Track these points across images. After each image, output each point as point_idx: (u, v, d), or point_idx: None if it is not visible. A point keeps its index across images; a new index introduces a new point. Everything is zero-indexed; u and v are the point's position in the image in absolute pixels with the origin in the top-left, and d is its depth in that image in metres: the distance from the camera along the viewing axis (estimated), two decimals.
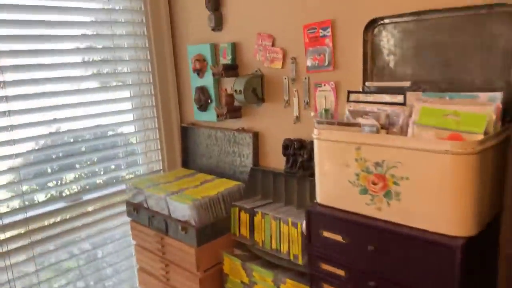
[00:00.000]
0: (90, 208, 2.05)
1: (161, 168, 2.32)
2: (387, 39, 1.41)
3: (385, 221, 1.12)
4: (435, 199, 1.02)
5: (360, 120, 1.31)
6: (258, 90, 1.86)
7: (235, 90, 1.83)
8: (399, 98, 1.26)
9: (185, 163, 2.38)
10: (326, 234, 1.24)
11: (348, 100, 1.39)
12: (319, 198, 1.29)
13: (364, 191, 1.15)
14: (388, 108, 1.28)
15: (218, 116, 1.99)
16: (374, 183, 1.13)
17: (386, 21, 1.40)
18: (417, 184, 1.04)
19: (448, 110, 1.07)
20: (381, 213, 1.13)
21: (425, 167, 1.02)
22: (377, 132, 1.21)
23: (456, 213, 1.00)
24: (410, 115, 1.22)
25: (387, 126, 1.26)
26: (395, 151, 1.07)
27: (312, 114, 1.29)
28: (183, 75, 2.29)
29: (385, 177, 1.10)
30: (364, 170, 1.14)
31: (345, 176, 1.19)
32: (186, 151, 2.37)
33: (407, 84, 1.35)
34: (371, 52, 1.46)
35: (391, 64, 1.42)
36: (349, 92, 1.39)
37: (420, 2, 1.32)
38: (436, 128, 1.07)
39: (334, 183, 1.23)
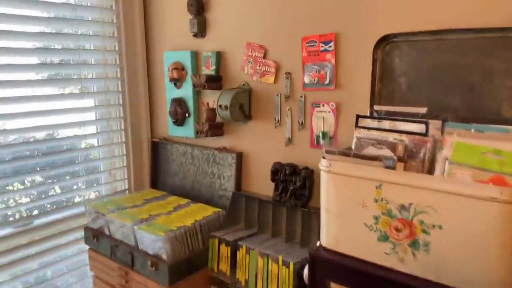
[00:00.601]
0: (43, 234, 1.74)
1: (127, 187, 2.05)
2: (400, 59, 1.25)
3: (409, 275, 0.94)
4: (474, 254, 0.85)
5: (371, 149, 1.14)
6: (246, 106, 1.66)
7: (220, 106, 1.61)
8: (419, 127, 1.10)
9: (155, 183, 2.11)
10: (334, 286, 1.04)
11: (356, 126, 1.21)
12: (324, 241, 1.09)
13: (384, 237, 0.97)
14: (406, 138, 1.11)
15: (197, 132, 1.76)
16: (398, 230, 0.95)
17: (400, 39, 1.24)
18: (452, 234, 0.87)
19: (487, 148, 0.91)
20: (404, 265, 0.95)
21: (464, 216, 0.85)
22: (394, 166, 1.04)
23: (501, 274, 0.83)
24: (433, 148, 1.06)
25: (405, 159, 1.09)
26: (426, 193, 0.90)
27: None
28: (157, 84, 2.04)
29: (412, 223, 0.92)
30: (386, 213, 0.96)
31: (361, 218, 1.00)
32: (157, 170, 2.11)
33: (423, 110, 1.19)
34: (380, 72, 1.29)
35: (403, 87, 1.26)
36: (358, 117, 1.21)
37: (440, 20, 1.18)
38: (474, 168, 0.90)
39: (346, 225, 1.04)
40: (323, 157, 1.08)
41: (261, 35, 1.59)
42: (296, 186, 1.51)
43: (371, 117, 1.20)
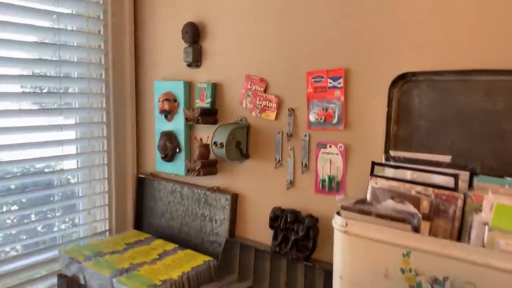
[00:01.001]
0: (8, 283, 1.52)
1: (108, 228, 1.85)
2: (420, 100, 1.13)
3: None
4: None
5: (390, 203, 0.99)
6: (243, 144, 1.50)
7: (215, 143, 1.46)
8: (446, 180, 0.95)
9: (139, 224, 1.92)
10: None
11: (372, 174, 1.06)
12: None
13: None
14: (431, 192, 0.96)
15: (188, 170, 1.59)
16: None
17: (420, 77, 1.12)
18: None
19: None
20: None
21: None
22: (418, 225, 0.89)
23: None
24: (463, 205, 0.92)
25: (431, 217, 0.94)
26: (467, 266, 0.74)
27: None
28: (146, 116, 1.88)
29: None
30: (415, 286, 0.80)
31: None
32: (141, 209, 1.92)
33: (446, 159, 1.06)
34: (396, 113, 1.16)
35: (423, 131, 1.12)
36: (374, 164, 1.07)
37: (467, 59, 1.06)
38: None
39: None
40: (338, 213, 0.92)
41: (262, 67, 1.46)
42: (299, 236, 1.34)
43: (389, 165, 1.05)
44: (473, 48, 1.05)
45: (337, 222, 0.90)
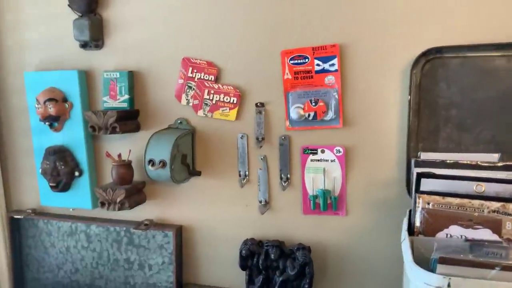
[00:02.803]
0: None
1: None
2: (447, 83, 0.87)
3: None
4: None
5: (457, 230, 0.72)
6: (189, 157, 1.05)
7: (151, 161, 0.97)
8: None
9: (20, 283, 1.29)
10: None
11: (418, 190, 0.77)
12: None
13: None
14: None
15: (103, 204, 1.07)
16: None
17: (448, 54, 0.85)
18: None
19: None
20: None
21: None
22: (507, 256, 0.63)
23: None
24: None
25: None
26: None
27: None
28: (13, 126, 1.24)
29: None
30: None
31: None
32: (21, 262, 1.29)
33: (493, 157, 0.83)
34: (416, 101, 0.88)
35: (454, 122, 0.87)
36: (421, 177, 0.77)
37: (506, 27, 0.83)
38: None
39: None
40: (433, 271, 0.59)
41: (209, 45, 1.02)
42: (289, 277, 0.99)
43: (442, 176, 0.77)
44: None
45: (432, 282, 0.57)
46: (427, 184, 0.79)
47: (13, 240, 1.28)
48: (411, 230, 0.77)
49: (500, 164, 0.77)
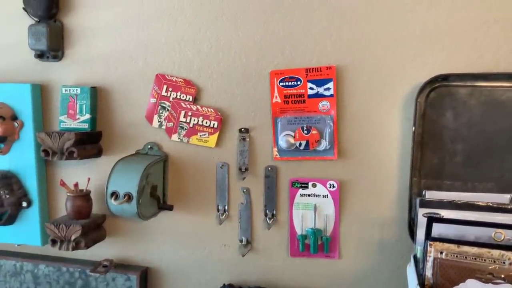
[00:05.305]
0: None
1: None
2: (454, 114, 0.79)
3: None
4: None
5: (474, 284, 0.62)
6: (160, 188, 0.91)
7: (113, 194, 0.82)
8: None
9: None
10: None
11: (428, 237, 0.67)
12: None
13: None
14: None
15: (54, 242, 0.90)
16: None
17: (456, 82, 0.78)
18: None
19: None
20: None
21: None
22: None
23: None
24: None
25: None
26: None
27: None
28: None
29: None
30: None
31: None
32: None
33: (505, 198, 0.75)
34: (420, 132, 0.80)
35: (460, 157, 0.79)
36: (432, 221, 0.67)
37: None
38: None
39: None
40: None
41: (188, 61, 0.90)
42: None
43: (453, 221, 0.67)
44: None
45: None
46: (435, 228, 0.69)
47: None
48: (420, 282, 0.67)
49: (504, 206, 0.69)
